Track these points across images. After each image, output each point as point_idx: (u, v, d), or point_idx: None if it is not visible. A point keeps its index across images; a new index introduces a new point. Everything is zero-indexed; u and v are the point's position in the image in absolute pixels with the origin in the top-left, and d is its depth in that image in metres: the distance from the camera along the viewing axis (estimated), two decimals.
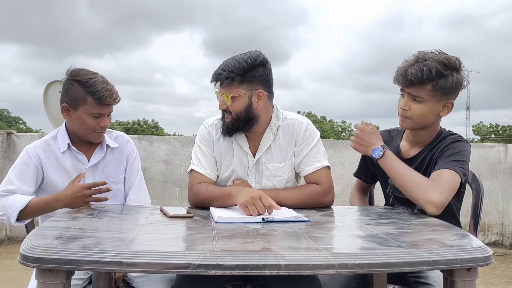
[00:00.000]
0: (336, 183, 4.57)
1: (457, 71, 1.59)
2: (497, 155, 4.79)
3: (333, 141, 4.97)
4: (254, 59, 1.65)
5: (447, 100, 1.61)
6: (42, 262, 0.95)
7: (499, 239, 4.84)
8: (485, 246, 1.07)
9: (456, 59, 1.59)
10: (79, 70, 1.75)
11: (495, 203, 4.80)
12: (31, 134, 4.74)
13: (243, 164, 1.77)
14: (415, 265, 1.00)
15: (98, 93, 1.68)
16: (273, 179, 1.76)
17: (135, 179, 1.88)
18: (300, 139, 1.77)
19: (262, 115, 1.72)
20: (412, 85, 1.58)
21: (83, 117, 1.71)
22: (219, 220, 1.38)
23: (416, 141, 1.72)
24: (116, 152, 1.86)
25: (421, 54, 1.60)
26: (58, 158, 1.77)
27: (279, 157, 1.77)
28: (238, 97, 1.66)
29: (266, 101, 1.71)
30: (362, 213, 1.63)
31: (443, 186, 1.48)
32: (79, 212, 1.48)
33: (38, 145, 1.77)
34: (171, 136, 4.97)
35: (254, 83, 1.66)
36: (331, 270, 0.97)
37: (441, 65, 1.55)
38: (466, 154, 1.60)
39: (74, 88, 1.71)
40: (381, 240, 1.14)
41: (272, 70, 1.73)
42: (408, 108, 1.61)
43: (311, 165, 1.76)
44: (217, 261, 0.96)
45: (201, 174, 1.74)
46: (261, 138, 1.76)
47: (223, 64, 1.67)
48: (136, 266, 0.95)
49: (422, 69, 1.55)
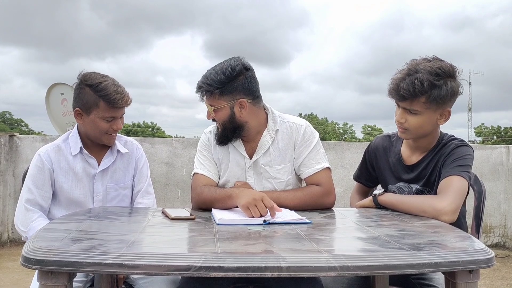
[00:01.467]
0: (337, 185, 4.54)
1: (452, 79, 1.55)
2: (499, 157, 4.78)
3: (335, 143, 4.96)
4: (233, 69, 1.66)
5: (444, 109, 1.58)
6: (44, 264, 0.96)
7: (502, 240, 4.82)
8: (487, 248, 1.07)
9: (450, 66, 1.56)
10: (90, 74, 1.75)
11: (497, 204, 4.79)
12: (33, 136, 4.75)
13: (240, 166, 1.79)
14: (416, 267, 1.00)
15: (109, 97, 1.69)
16: (272, 181, 1.77)
17: (144, 184, 1.91)
18: (299, 141, 1.78)
19: (250, 121, 1.73)
20: (406, 100, 1.56)
21: (96, 121, 1.72)
22: (221, 222, 1.38)
23: (416, 147, 1.71)
24: (125, 157, 1.87)
25: (413, 66, 1.56)
26: (69, 162, 1.78)
27: (278, 160, 1.78)
28: (220, 109, 1.69)
29: (250, 108, 1.71)
30: (363, 215, 1.63)
31: (452, 192, 1.48)
32: (81, 215, 1.48)
33: (50, 149, 1.78)
34: (173, 138, 4.97)
35: (235, 94, 1.68)
36: (332, 272, 0.97)
37: (434, 76, 1.52)
38: (470, 159, 1.60)
39: (86, 92, 1.71)
40: (383, 242, 1.14)
41: (254, 76, 1.73)
42: (405, 120, 1.60)
43: (311, 167, 1.77)
44: (219, 263, 0.96)
45: (204, 176, 1.77)
46: (258, 141, 1.77)
47: (205, 75, 1.70)
48: (138, 268, 0.96)
49: (414, 83, 1.51)
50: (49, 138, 4.55)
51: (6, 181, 4.37)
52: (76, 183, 1.76)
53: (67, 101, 5.03)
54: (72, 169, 1.77)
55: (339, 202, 1.76)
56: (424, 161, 1.68)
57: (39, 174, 1.74)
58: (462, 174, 1.53)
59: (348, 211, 1.70)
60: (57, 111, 5.20)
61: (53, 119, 5.29)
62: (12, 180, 4.41)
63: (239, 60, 1.71)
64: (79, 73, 1.76)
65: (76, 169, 1.77)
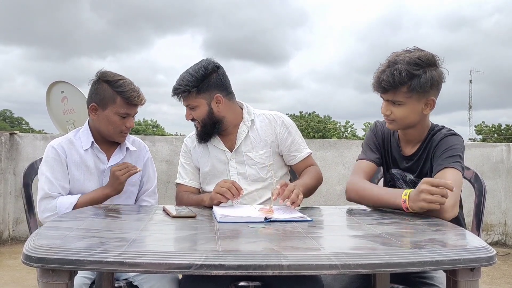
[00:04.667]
0: (338, 183, 4.54)
1: (433, 67, 1.56)
2: (499, 155, 4.77)
3: (335, 141, 4.95)
4: (205, 68, 1.81)
5: (427, 98, 1.58)
6: (45, 262, 0.96)
7: (502, 238, 4.82)
8: (489, 246, 1.06)
9: (430, 55, 1.56)
10: (108, 72, 1.82)
11: (497, 202, 4.78)
12: (34, 134, 4.75)
13: (221, 161, 1.91)
14: (417, 265, 1.00)
15: (127, 93, 1.76)
16: (255, 167, 1.88)
17: (152, 185, 1.99)
18: (279, 129, 1.92)
19: (227, 115, 1.87)
20: (387, 91, 1.57)
21: (111, 117, 1.78)
22: (222, 219, 1.38)
23: (408, 140, 1.72)
24: (134, 155, 1.93)
25: (393, 57, 1.58)
26: (81, 156, 1.81)
27: (260, 146, 1.90)
28: (199, 107, 1.83)
29: (226, 103, 1.86)
30: (364, 213, 1.62)
31: None
32: (82, 212, 1.49)
33: (63, 142, 1.81)
34: (174, 136, 4.97)
35: (210, 90, 1.82)
36: (333, 271, 0.97)
37: (412, 66, 1.52)
38: (459, 148, 1.60)
39: (104, 88, 1.77)
40: (384, 240, 1.14)
41: (225, 73, 1.87)
42: (390, 112, 1.61)
43: (302, 151, 1.94)
44: (220, 261, 0.96)
45: (183, 185, 1.97)
46: (236, 133, 1.90)
47: (179, 78, 1.83)
48: (139, 266, 0.96)
49: (393, 74, 1.53)
50: (49, 136, 4.54)
51: (6, 179, 4.36)
52: (88, 176, 1.81)
53: (67, 99, 5.02)
54: (84, 163, 1.81)
55: (340, 200, 1.76)
56: (418, 152, 1.69)
57: (56, 165, 1.77)
58: (455, 165, 1.54)
59: (349, 209, 1.70)
60: (57, 109, 5.19)
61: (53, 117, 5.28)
62: (13, 178, 4.41)
63: (210, 60, 1.85)
64: (97, 71, 1.82)
65: (88, 162, 1.81)
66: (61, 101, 5.11)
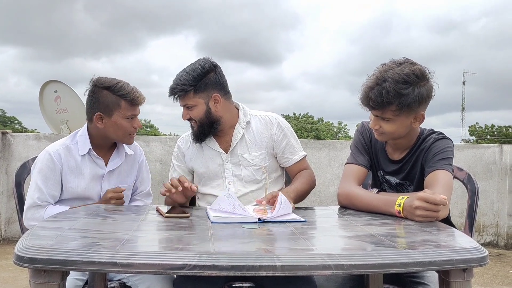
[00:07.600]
0: (332, 184, 4.54)
1: (422, 83, 1.53)
2: (492, 156, 4.80)
3: (329, 141, 4.96)
4: (203, 67, 1.77)
5: (416, 113, 1.57)
6: (36, 262, 0.95)
7: (494, 239, 4.86)
8: (481, 247, 1.07)
9: (419, 71, 1.52)
10: (102, 78, 1.79)
11: (490, 203, 4.82)
12: (27, 134, 4.71)
13: (216, 162, 1.88)
14: (410, 266, 1.00)
15: (130, 95, 1.75)
16: (250, 168, 1.87)
17: (146, 187, 2.00)
18: (275, 131, 1.90)
19: (224, 115, 1.85)
20: (375, 109, 1.57)
21: (119, 122, 1.76)
22: (215, 220, 1.38)
23: (396, 148, 1.72)
24: (130, 159, 1.92)
25: (381, 73, 1.53)
26: (77, 162, 1.79)
27: (255, 147, 1.88)
28: (196, 106, 1.80)
29: (223, 102, 1.83)
30: (358, 214, 1.63)
31: (439, 188, 1.49)
32: (75, 213, 1.48)
33: (60, 149, 1.78)
34: (167, 136, 4.95)
35: (208, 89, 1.79)
36: (327, 271, 0.97)
37: (401, 84, 1.49)
38: (450, 151, 1.61)
39: (105, 95, 1.75)
40: (377, 240, 1.14)
41: (222, 72, 1.85)
42: (379, 127, 1.61)
43: (296, 153, 1.92)
44: (213, 262, 0.95)
45: None
46: (232, 134, 1.88)
47: (176, 78, 1.80)
48: (132, 266, 0.95)
49: (381, 93, 1.50)
50: (42, 136, 4.51)
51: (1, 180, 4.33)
52: (82, 182, 1.78)
53: (60, 99, 5.00)
54: (79, 169, 1.78)
55: (334, 200, 1.76)
56: (406, 157, 1.69)
57: (50, 173, 1.74)
58: (446, 168, 1.55)
59: (343, 210, 1.70)
60: (50, 108, 5.17)
61: (46, 117, 5.25)
62: (5, 178, 4.37)
63: (207, 59, 1.82)
64: (90, 79, 1.79)
65: (84, 169, 1.79)
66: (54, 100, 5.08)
